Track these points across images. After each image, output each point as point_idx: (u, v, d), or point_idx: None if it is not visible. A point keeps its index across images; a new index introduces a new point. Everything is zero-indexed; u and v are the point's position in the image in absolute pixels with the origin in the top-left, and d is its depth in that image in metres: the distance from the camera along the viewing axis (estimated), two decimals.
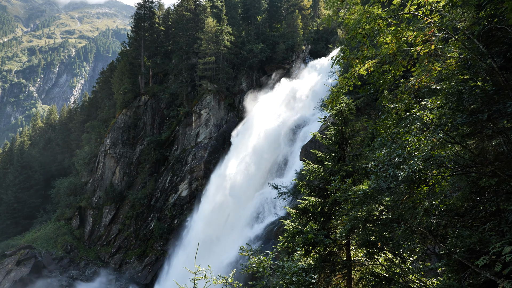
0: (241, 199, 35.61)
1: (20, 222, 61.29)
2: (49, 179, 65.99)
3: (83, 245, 53.77)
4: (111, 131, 55.43)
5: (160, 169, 52.74)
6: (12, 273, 47.40)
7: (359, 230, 11.03)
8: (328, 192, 12.52)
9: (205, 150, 47.87)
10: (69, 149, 70.31)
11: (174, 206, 48.86)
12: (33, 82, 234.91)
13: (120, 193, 53.41)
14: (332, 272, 12.44)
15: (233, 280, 9.22)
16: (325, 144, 12.64)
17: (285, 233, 12.89)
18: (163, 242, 48.75)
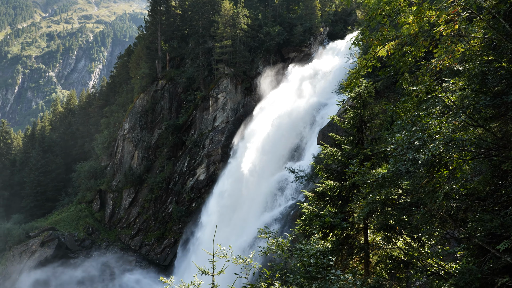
0: (258, 183, 35.79)
1: (43, 205, 63.04)
2: (70, 163, 67.43)
3: (104, 227, 55.13)
4: (129, 116, 56.08)
5: (178, 153, 53.29)
6: (36, 254, 49.06)
7: (377, 213, 10.99)
8: (346, 176, 12.48)
9: (222, 134, 48.09)
10: (89, 134, 71.52)
11: (192, 190, 49.49)
12: (53, 68, 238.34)
13: (139, 177, 54.31)
14: (350, 255, 12.49)
15: (252, 262, 9.34)
16: (343, 127, 12.54)
17: (303, 217, 12.95)
18: (181, 225, 49.61)
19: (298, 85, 40.13)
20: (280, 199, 32.30)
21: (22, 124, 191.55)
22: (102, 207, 56.93)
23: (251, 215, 34.26)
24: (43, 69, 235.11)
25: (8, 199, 67.80)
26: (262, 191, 34.29)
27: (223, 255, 9.80)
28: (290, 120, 36.70)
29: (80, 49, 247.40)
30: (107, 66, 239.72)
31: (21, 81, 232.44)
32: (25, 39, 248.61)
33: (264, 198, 33.42)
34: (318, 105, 35.19)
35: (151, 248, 51.18)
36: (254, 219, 33.10)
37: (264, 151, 37.78)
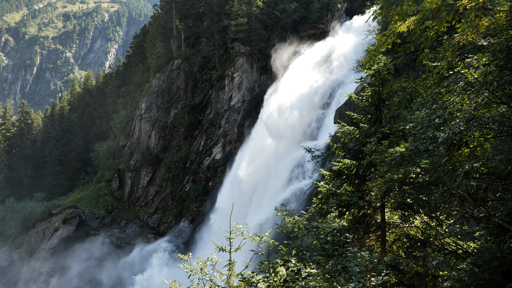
0: (274, 162, 35.86)
1: (64, 184, 64.66)
2: (89, 142, 68.61)
3: (123, 206, 56.37)
4: (145, 96, 56.43)
5: (194, 133, 53.62)
6: (59, 231, 50.66)
7: (395, 192, 10.91)
8: (363, 155, 12.37)
9: (238, 113, 48.08)
10: (106, 114, 72.38)
11: (208, 169, 49.97)
12: (69, 48, 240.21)
13: (156, 156, 55.01)
14: (366, 233, 12.50)
15: (269, 239, 9.44)
16: (361, 105, 12.37)
17: (319, 195, 12.96)
18: (198, 203, 50.36)
19: (315, 63, 39.53)
20: (296, 178, 32.36)
21: (41, 104, 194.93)
22: (121, 185, 58.07)
23: (267, 195, 34.48)
24: (60, 49, 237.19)
25: (30, 177, 69.73)
26: (278, 170, 34.38)
27: (239, 232, 9.93)
28: (306, 99, 36.36)
29: (96, 29, 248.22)
30: (123, 46, 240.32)
31: (39, 62, 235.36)
32: (42, 20, 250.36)
33: (280, 177, 33.52)
34: (335, 83, 34.70)
35: (169, 226, 52.25)
36: (270, 198, 33.33)
37: (280, 131, 37.67)
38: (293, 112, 37.09)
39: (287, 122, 37.13)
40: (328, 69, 37.47)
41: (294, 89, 38.55)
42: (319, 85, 36.03)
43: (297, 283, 7.90)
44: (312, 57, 41.78)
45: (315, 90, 36.09)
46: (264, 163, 37.86)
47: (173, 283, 10.36)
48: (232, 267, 9.93)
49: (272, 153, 37.56)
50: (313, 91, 36.24)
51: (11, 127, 77.17)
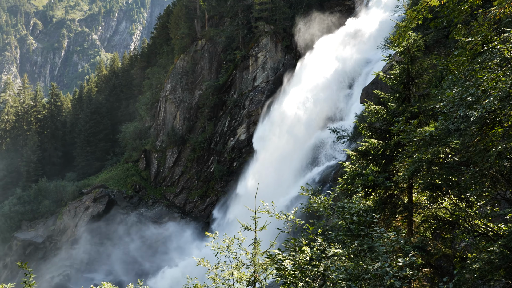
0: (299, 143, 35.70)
1: (93, 164, 66.53)
2: (116, 124, 70.02)
3: (150, 185, 57.67)
4: (170, 77, 56.83)
5: (218, 114, 53.85)
6: (89, 209, 52.46)
7: (423, 173, 10.68)
8: (391, 134, 12.13)
9: (262, 94, 47.86)
10: (132, 95, 73.45)
11: (233, 150, 50.30)
12: (95, 31, 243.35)
13: (182, 137, 55.70)
14: (392, 214, 12.35)
15: (294, 218, 9.46)
16: (389, 84, 12.05)
17: (345, 175, 12.84)
18: (223, 183, 50.96)
19: (341, 41, 38.62)
20: (321, 159, 32.19)
21: (70, 87, 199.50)
22: (148, 166, 59.29)
23: (292, 175, 34.49)
24: (87, 32, 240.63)
25: (61, 158, 72.09)
26: (303, 151, 34.24)
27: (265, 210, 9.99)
28: (332, 78, 35.75)
29: (120, 11, 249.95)
30: (147, 27, 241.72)
31: (66, 45, 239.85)
32: (68, 3, 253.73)
33: (305, 158, 33.41)
34: (362, 62, 33.88)
35: (194, 206, 53.25)
36: (295, 179, 33.34)
37: (305, 111, 37.33)
38: (318, 92, 36.60)
39: (312, 102, 36.73)
40: (355, 47, 36.56)
41: (319, 69, 37.93)
42: (345, 64, 35.28)
43: (323, 262, 7.92)
44: (338, 35, 40.83)
45: (341, 69, 35.39)
46: (289, 144, 37.75)
47: (201, 261, 10.59)
48: (257, 245, 10.04)
49: (297, 133, 37.35)
50: (338, 70, 35.56)
51: (42, 109, 79.53)
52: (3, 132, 79.62)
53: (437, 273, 10.82)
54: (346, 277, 7.52)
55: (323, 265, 7.79)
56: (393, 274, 7.12)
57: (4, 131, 79.48)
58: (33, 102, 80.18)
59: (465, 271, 8.47)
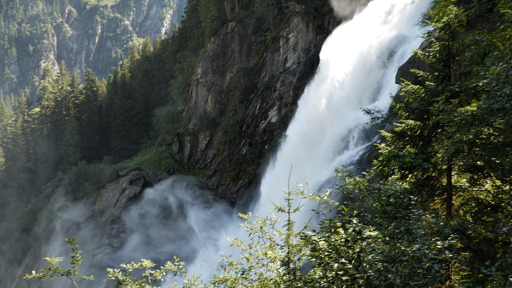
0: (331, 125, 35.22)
1: (129, 147, 68.44)
2: (149, 108, 71.45)
3: (183, 168, 58.86)
4: (201, 60, 57.11)
5: (249, 96, 53.84)
6: (126, 191, 54.28)
7: (464, 154, 10.31)
8: (429, 115, 11.74)
9: (293, 75, 47.33)
10: (165, 79, 74.49)
11: (264, 132, 50.33)
12: (127, 16, 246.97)
13: (213, 120, 56.23)
14: (430, 197, 12.05)
15: (329, 199, 9.41)
16: (427, 62, 11.60)
17: (380, 157, 12.59)
18: (255, 166, 51.29)
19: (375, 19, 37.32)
20: (354, 141, 31.67)
21: (104, 72, 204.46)
22: (181, 149, 60.40)
23: (324, 158, 34.19)
24: (119, 18, 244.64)
25: (98, 142, 74.58)
26: (335, 133, 33.79)
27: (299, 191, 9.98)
28: (365, 58, 34.76)
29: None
30: (177, 11, 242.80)
31: (100, 31, 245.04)
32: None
33: (338, 140, 32.98)
34: (398, 39, 32.66)
35: (227, 188, 54.00)
36: (326, 162, 33.05)
37: (337, 92, 36.65)
38: (350, 72, 35.78)
39: (344, 83, 35.99)
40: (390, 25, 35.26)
41: (352, 48, 36.95)
42: (379, 43, 34.15)
43: (358, 243, 7.86)
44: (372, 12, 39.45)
45: (375, 48, 34.31)
46: (321, 126, 37.32)
47: (235, 241, 10.77)
48: (291, 227, 10.09)
49: (329, 115, 36.82)
50: (372, 49, 34.51)
51: (79, 95, 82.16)
52: (44, 117, 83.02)
53: (477, 257, 10.52)
54: (382, 258, 7.45)
55: (359, 247, 7.74)
56: (431, 256, 7.00)
57: (45, 116, 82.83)
58: (70, 88, 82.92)
59: (508, 256, 8.19)
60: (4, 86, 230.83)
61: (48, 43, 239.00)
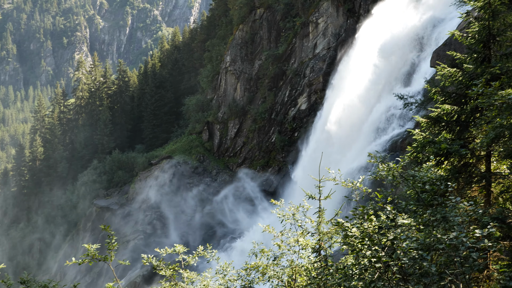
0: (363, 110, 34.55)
1: (160, 136, 69.75)
2: (179, 97, 72.29)
3: (213, 156, 59.54)
4: (229, 48, 57.11)
5: (278, 84, 53.53)
6: (158, 179, 55.57)
7: (504, 139, 9.88)
8: (467, 99, 11.28)
9: (323, 61, 46.56)
10: (194, 68, 75.03)
11: (293, 120, 50.00)
12: (156, 6, 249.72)
13: (242, 108, 56.37)
14: (468, 184, 11.66)
15: (362, 186, 9.26)
16: (465, 43, 11.10)
17: (414, 143, 12.27)
18: (284, 154, 51.20)
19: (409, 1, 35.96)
20: (386, 127, 30.98)
21: (135, 63, 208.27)
22: (211, 137, 61.04)
23: (355, 145, 33.69)
24: (148, 8, 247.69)
25: (131, 131, 76.40)
26: (367, 119, 33.14)
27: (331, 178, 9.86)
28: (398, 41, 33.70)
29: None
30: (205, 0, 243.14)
31: (130, 22, 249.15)
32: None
33: (369, 127, 32.35)
34: (432, 21, 31.40)
35: (256, 176, 54.23)
36: (358, 149, 32.54)
37: (369, 77, 35.83)
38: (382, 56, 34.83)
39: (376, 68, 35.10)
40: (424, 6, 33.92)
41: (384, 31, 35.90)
42: (413, 25, 32.99)
43: (392, 231, 7.72)
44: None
45: (408, 31, 33.18)
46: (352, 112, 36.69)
47: (267, 227, 10.81)
48: (322, 214, 10.02)
49: (360, 101, 36.12)
50: (405, 32, 33.40)
51: (111, 85, 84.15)
52: (79, 108, 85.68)
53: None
54: (417, 246, 7.30)
55: (393, 234, 7.60)
56: (469, 245, 6.79)
57: (80, 107, 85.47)
58: (103, 79, 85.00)
59: None
60: (41, 78, 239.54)
61: (81, 35, 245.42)
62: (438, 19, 31.20)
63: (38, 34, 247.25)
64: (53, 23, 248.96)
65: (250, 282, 10.53)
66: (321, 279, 8.52)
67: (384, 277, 7.27)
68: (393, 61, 33.67)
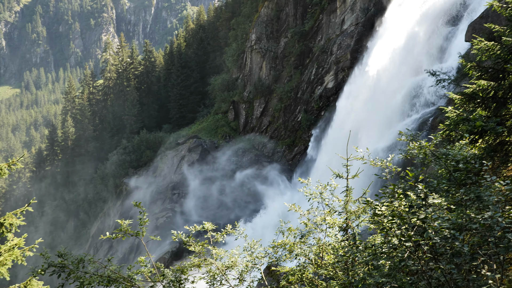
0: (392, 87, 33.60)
1: (186, 116, 70.43)
2: (205, 77, 72.44)
3: (239, 135, 59.76)
4: (255, 26, 56.40)
5: (304, 62, 52.69)
6: (185, 158, 56.39)
7: None
8: (505, 74, 10.75)
9: (351, 38, 45.31)
10: (219, 47, 74.72)
11: (320, 98, 49.28)
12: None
13: (268, 87, 55.98)
14: (504, 163, 11.26)
15: (391, 165, 9.05)
16: (504, 15, 10.51)
17: (446, 121, 11.88)
18: (310, 133, 50.78)
19: None
20: (416, 105, 30.10)
21: (161, 43, 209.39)
22: (236, 117, 61.15)
23: (384, 123, 32.95)
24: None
25: (158, 111, 77.46)
26: (396, 97, 32.28)
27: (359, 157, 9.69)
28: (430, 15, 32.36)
29: None
30: None
31: (155, 2, 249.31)
32: None
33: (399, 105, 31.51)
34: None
35: (282, 155, 54.20)
36: (386, 127, 31.85)
37: (398, 53, 34.70)
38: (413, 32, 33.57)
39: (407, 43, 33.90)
40: None
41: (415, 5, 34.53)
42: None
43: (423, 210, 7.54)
44: None
45: (441, 5, 31.79)
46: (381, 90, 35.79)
47: (293, 206, 10.79)
48: (349, 193, 9.90)
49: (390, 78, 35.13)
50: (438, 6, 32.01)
51: (138, 66, 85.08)
52: (107, 88, 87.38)
53: None
54: (449, 226, 7.11)
55: (424, 213, 7.42)
56: (505, 225, 6.57)
57: (108, 87, 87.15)
58: (130, 60, 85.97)
59: None
60: (71, 60, 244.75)
61: (107, 16, 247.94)
62: None
63: (67, 16, 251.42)
64: (80, 4, 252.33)
65: (277, 259, 10.61)
66: (348, 257, 8.48)
67: (414, 256, 7.15)
68: (425, 36, 32.42)
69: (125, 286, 8.58)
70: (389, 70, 35.53)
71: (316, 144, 47.27)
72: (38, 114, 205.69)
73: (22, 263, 10.49)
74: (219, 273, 9.91)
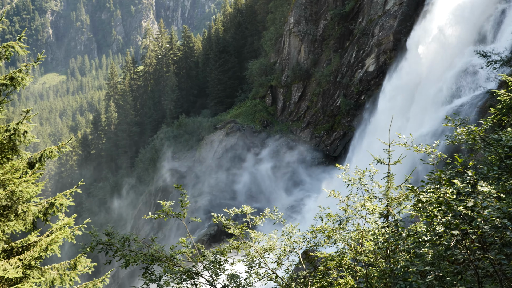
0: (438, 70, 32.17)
1: (224, 101, 70.91)
2: (242, 61, 72.34)
3: (277, 121, 59.56)
4: (293, 9, 55.44)
5: (344, 44, 51.36)
6: (223, 143, 57.02)
7: None
8: None
9: (394, 18, 43.52)
10: (257, 31, 74.22)
11: (360, 82, 48.01)
12: None
13: (306, 71, 55.16)
14: None
15: (436, 151, 8.69)
16: None
17: (498, 105, 11.25)
18: (350, 118, 49.73)
19: None
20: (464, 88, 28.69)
21: (199, 28, 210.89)
22: (274, 102, 60.87)
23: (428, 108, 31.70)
24: None
25: (196, 96, 78.50)
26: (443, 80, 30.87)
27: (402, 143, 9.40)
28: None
29: None
30: None
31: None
32: None
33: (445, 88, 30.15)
34: None
35: (320, 140, 53.58)
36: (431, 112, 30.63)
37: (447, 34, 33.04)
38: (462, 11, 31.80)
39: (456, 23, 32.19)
40: None
41: None
42: None
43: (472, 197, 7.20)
44: None
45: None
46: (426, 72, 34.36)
47: (332, 192, 10.64)
48: (391, 179, 9.62)
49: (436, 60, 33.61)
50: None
51: (177, 51, 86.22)
52: (148, 74, 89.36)
53: None
54: (500, 214, 6.77)
55: (473, 201, 7.09)
56: None
57: (148, 73, 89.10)
58: (169, 46, 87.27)
59: None
60: (113, 47, 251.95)
61: (147, 2, 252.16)
62: None
63: (108, 4, 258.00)
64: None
65: (315, 245, 10.57)
66: (390, 244, 8.29)
67: (460, 245, 6.88)
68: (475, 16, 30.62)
69: (167, 265, 8.89)
70: (436, 51, 33.94)
71: (361, 128, 46.31)
72: (83, 99, 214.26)
73: (72, 241, 11.06)
74: (257, 256, 9.99)
